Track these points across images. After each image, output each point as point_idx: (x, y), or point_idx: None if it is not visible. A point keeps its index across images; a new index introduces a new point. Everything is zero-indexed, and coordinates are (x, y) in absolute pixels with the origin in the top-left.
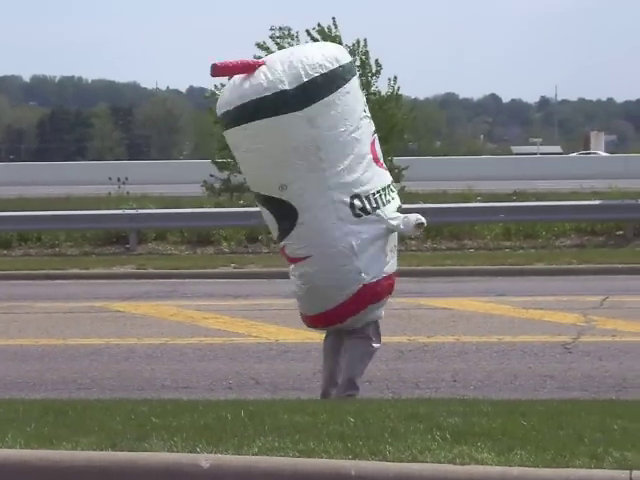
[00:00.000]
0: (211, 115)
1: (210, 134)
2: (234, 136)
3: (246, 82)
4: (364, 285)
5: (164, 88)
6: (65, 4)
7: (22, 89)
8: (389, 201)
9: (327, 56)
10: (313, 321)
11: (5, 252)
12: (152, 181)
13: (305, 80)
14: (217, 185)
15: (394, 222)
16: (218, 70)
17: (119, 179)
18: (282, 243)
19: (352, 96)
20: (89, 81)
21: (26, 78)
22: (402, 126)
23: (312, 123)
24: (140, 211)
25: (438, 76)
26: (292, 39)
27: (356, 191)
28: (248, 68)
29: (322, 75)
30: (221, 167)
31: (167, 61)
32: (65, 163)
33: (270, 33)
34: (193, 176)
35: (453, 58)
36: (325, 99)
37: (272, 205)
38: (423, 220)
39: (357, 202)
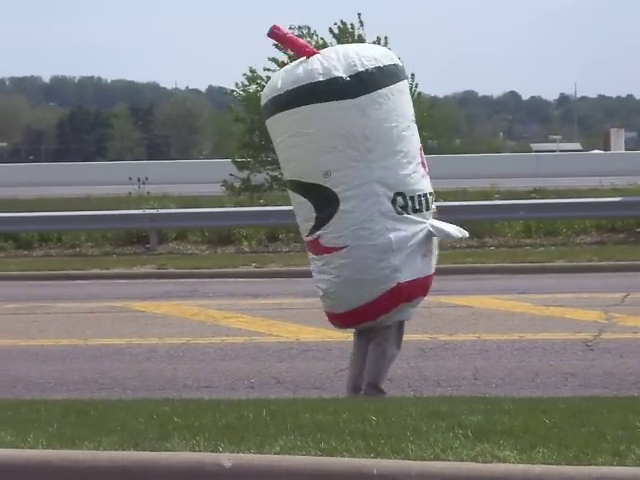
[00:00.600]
0: (232, 113)
1: (230, 133)
2: (282, 121)
3: (299, 68)
4: (398, 283)
5: (183, 88)
6: (83, 5)
7: (42, 90)
8: (432, 207)
9: (381, 53)
10: (342, 319)
11: (26, 253)
12: (172, 181)
13: (360, 70)
14: (237, 184)
15: (435, 229)
16: (276, 35)
17: (139, 179)
18: (317, 232)
19: (405, 96)
20: (108, 81)
21: (46, 79)
22: (421, 124)
23: (363, 112)
24: (160, 211)
25: (457, 74)
26: (311, 37)
27: (401, 189)
28: (302, 49)
29: (377, 68)
30: (241, 166)
31: (186, 61)
32: (85, 163)
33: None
34: (213, 176)
35: (472, 55)
36: (378, 91)
37: (312, 193)
38: (464, 234)
39: (400, 199)
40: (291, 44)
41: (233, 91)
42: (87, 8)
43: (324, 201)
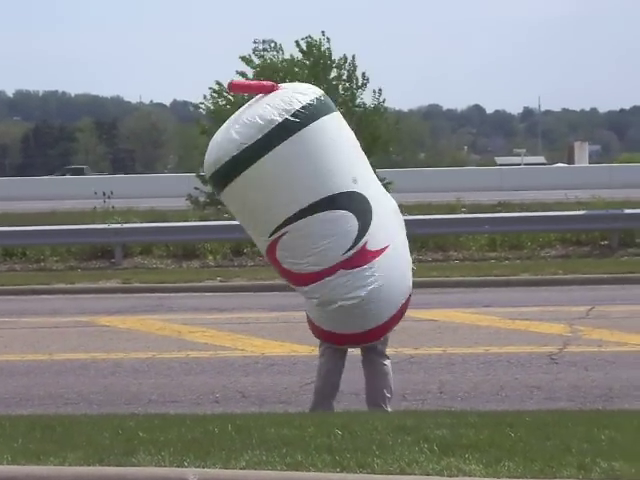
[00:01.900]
0: (198, 126)
1: (195, 147)
2: (329, 123)
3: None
4: (410, 294)
5: (148, 102)
6: (48, 19)
7: (5, 104)
8: None
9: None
10: (368, 337)
11: None
12: (137, 195)
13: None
14: (202, 198)
15: None
16: (236, 88)
17: (104, 193)
18: (364, 239)
19: None
20: (72, 95)
21: (9, 93)
22: (387, 138)
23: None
24: (125, 225)
25: (422, 88)
26: (277, 51)
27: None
28: (264, 88)
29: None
30: (205, 180)
31: (151, 75)
32: (49, 178)
33: (254, 46)
34: (178, 190)
35: (436, 70)
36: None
37: (348, 201)
38: None
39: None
40: (255, 89)
41: (201, 103)
42: (51, 22)
43: (360, 208)
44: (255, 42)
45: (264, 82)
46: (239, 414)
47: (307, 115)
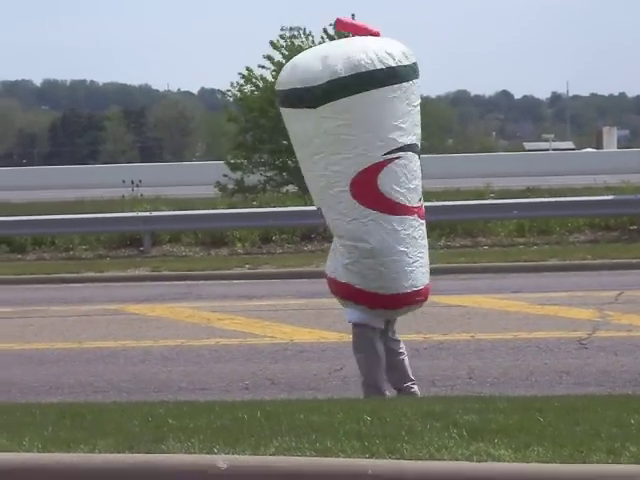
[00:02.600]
0: (226, 113)
1: (223, 134)
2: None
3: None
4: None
5: (175, 90)
6: (75, 8)
7: (34, 93)
8: None
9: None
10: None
11: (19, 256)
12: (165, 183)
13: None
14: (230, 186)
15: None
16: (341, 25)
17: (132, 182)
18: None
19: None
20: (100, 84)
21: (37, 82)
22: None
23: None
24: (153, 213)
25: (449, 74)
26: (306, 38)
27: None
28: (370, 32)
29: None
30: (234, 168)
31: (178, 63)
32: (78, 166)
33: (281, 33)
34: (206, 177)
35: (464, 55)
36: None
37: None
38: None
39: None
40: (361, 30)
41: (228, 90)
42: (78, 11)
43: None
44: (282, 29)
45: (370, 26)
46: (268, 401)
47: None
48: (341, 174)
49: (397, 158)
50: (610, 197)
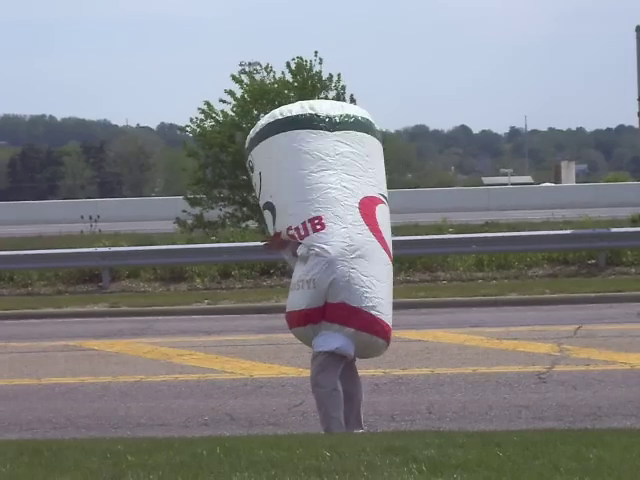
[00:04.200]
0: (185, 148)
1: (182, 169)
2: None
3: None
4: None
5: (134, 125)
6: (34, 43)
7: None
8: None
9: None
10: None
11: None
12: (124, 218)
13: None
14: (189, 221)
15: None
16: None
17: (91, 217)
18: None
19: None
20: (59, 119)
21: None
22: None
23: None
24: (112, 249)
25: (408, 109)
26: (268, 72)
27: None
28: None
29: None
30: (193, 203)
31: (137, 98)
32: (37, 202)
33: (240, 68)
34: (165, 213)
35: (422, 90)
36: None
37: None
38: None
39: None
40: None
41: (187, 126)
42: (37, 47)
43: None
44: (241, 64)
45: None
46: (227, 437)
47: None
48: (352, 192)
49: (384, 204)
50: (568, 232)
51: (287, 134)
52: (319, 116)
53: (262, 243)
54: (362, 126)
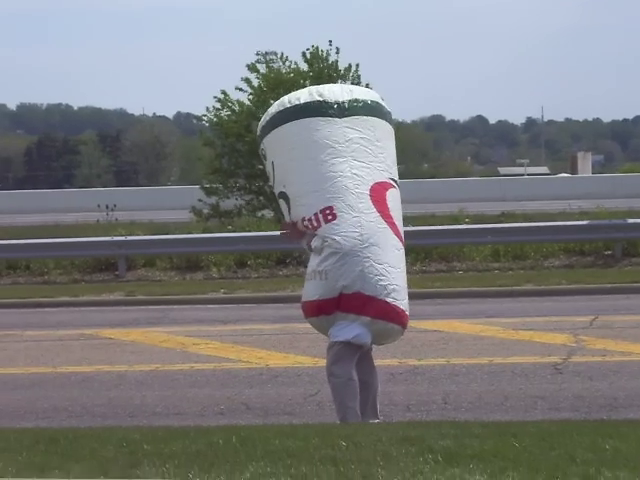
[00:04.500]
0: (201, 137)
1: (198, 159)
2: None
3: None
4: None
5: (151, 114)
6: (50, 31)
7: (8, 117)
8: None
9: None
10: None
11: None
12: (140, 207)
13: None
14: (205, 210)
15: None
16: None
17: (107, 206)
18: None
19: None
20: (75, 108)
21: (12, 106)
22: None
23: None
24: (129, 238)
25: (424, 99)
26: (283, 62)
27: None
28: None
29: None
30: (209, 192)
31: (154, 87)
32: (53, 191)
33: (256, 58)
34: (181, 202)
35: (439, 81)
36: None
37: None
38: None
39: None
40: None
41: (204, 115)
42: (54, 35)
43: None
44: (258, 53)
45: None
46: (243, 426)
47: None
48: (363, 179)
49: (394, 187)
50: (585, 222)
51: (296, 123)
52: (327, 102)
53: (280, 232)
54: (372, 110)
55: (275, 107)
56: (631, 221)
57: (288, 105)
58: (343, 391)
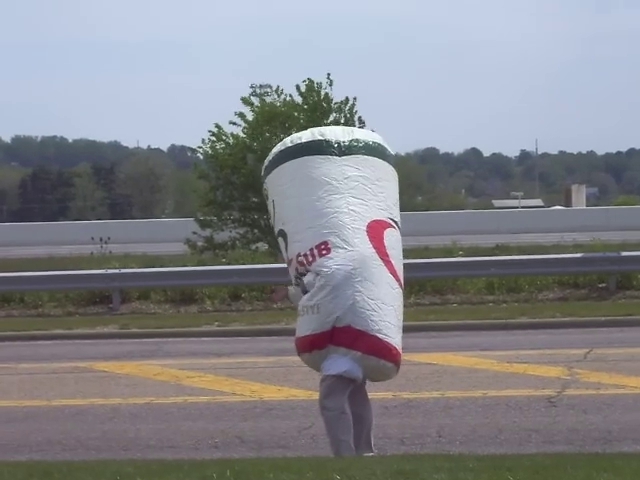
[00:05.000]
0: (196, 170)
1: (193, 191)
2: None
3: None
4: None
5: (145, 147)
6: (46, 64)
7: (3, 150)
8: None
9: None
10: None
11: None
12: (134, 240)
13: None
14: (200, 243)
15: None
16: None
17: (101, 239)
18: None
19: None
20: (70, 141)
21: (7, 138)
22: None
23: None
24: (123, 270)
25: (419, 131)
26: (278, 95)
27: None
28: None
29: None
30: (203, 225)
31: (148, 120)
32: (47, 223)
33: (251, 90)
34: (175, 234)
35: (433, 113)
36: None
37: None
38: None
39: None
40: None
41: (199, 147)
42: (48, 68)
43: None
44: (252, 86)
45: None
46: (237, 459)
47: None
48: (360, 214)
49: (394, 228)
50: (579, 255)
51: (296, 161)
52: (329, 142)
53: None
54: (373, 150)
55: (277, 147)
56: (625, 254)
57: (290, 144)
58: (336, 424)
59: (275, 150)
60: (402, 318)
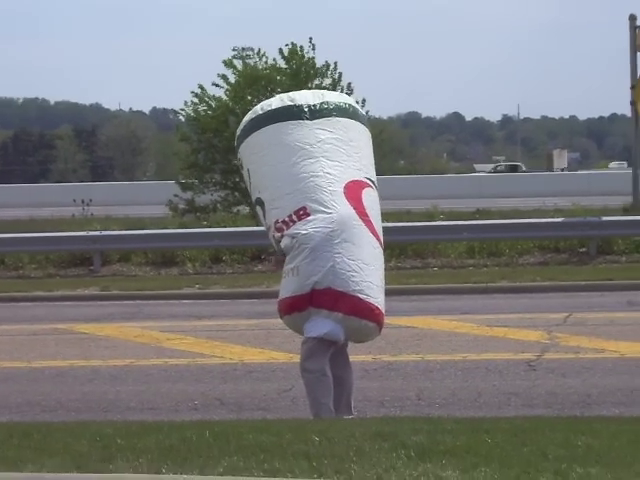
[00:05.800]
0: (178, 132)
1: (174, 154)
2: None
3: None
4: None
5: (127, 109)
6: (27, 26)
7: None
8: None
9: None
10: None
11: None
12: (116, 202)
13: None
14: (181, 206)
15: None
16: None
17: (83, 201)
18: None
19: None
20: (52, 103)
21: None
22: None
23: None
24: (104, 232)
25: (401, 95)
26: (260, 58)
27: None
28: None
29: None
30: (185, 187)
31: (130, 82)
32: (29, 185)
33: (233, 53)
34: (157, 197)
35: (415, 77)
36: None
37: None
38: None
39: None
40: None
41: (182, 110)
42: (30, 29)
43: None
44: (234, 49)
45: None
46: (217, 421)
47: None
48: (336, 177)
49: (371, 187)
50: (560, 219)
51: (268, 128)
52: (299, 106)
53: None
54: (344, 112)
55: (248, 115)
56: (606, 219)
57: (260, 112)
58: (316, 387)
59: (246, 119)
60: (384, 278)
